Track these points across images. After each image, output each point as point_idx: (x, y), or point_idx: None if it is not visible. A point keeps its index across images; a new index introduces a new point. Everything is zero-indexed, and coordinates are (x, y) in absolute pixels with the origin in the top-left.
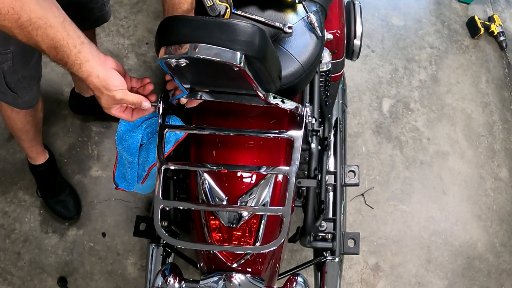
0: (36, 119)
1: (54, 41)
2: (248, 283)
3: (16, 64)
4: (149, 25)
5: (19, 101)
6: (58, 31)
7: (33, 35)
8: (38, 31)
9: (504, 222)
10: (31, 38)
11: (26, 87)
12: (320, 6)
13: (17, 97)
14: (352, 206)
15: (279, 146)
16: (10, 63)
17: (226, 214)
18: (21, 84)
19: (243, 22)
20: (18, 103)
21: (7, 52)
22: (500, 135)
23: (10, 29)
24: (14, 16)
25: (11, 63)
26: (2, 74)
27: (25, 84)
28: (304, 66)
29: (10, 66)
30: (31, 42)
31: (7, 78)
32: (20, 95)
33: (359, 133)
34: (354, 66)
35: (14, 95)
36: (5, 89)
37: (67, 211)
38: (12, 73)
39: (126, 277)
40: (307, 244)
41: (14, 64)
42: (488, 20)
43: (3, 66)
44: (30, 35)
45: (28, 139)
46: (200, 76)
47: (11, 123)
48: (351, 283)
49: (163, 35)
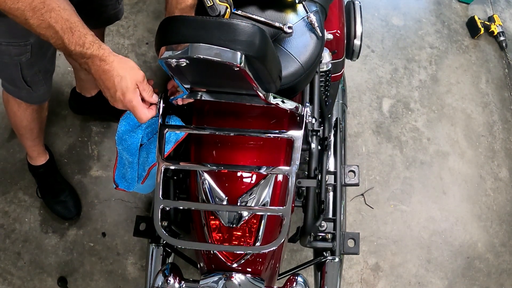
0: (42, 117)
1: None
2: (248, 283)
3: (34, 56)
4: (149, 25)
5: (33, 95)
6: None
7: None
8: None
9: (504, 222)
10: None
11: (41, 80)
12: (320, 6)
13: (32, 91)
14: (352, 206)
15: (279, 146)
16: (29, 55)
17: (226, 214)
18: (37, 77)
19: (243, 22)
20: (32, 97)
21: (26, 44)
22: (500, 135)
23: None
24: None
25: (29, 55)
26: (20, 66)
27: (40, 77)
28: (304, 66)
29: (28, 59)
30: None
31: (24, 71)
32: (35, 89)
33: (359, 133)
34: (354, 66)
35: (29, 89)
36: (21, 83)
37: (67, 212)
38: (29, 65)
39: (126, 277)
40: (307, 244)
41: (32, 56)
42: (488, 20)
43: (21, 58)
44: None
45: (32, 138)
46: (200, 76)
47: (17, 120)
48: (351, 283)
49: (163, 35)
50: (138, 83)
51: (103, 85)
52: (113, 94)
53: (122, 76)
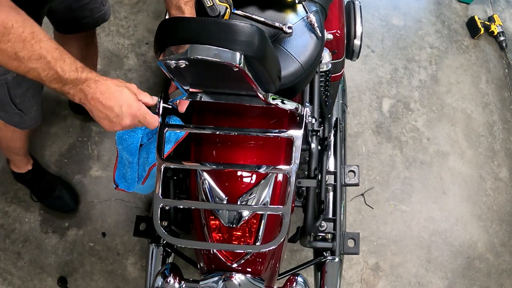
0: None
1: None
2: (248, 283)
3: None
4: (149, 25)
5: (25, 119)
6: (57, 44)
7: (37, 48)
8: (41, 44)
9: (504, 222)
10: (34, 51)
11: (31, 99)
12: (320, 6)
13: (23, 114)
14: (352, 206)
15: (279, 145)
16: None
17: (226, 214)
18: (26, 97)
19: (242, 23)
20: (24, 121)
21: None
22: (500, 135)
23: (13, 45)
24: (19, 30)
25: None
26: (7, 86)
27: (29, 96)
28: (304, 66)
29: (14, 77)
30: (34, 56)
31: (12, 91)
32: (26, 111)
33: (359, 133)
34: (354, 66)
35: (20, 113)
36: (10, 107)
37: (66, 205)
38: (16, 84)
39: (126, 277)
40: (307, 244)
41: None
42: (488, 20)
43: (7, 77)
44: (33, 48)
45: (20, 152)
46: (199, 77)
47: (2, 135)
48: (351, 283)
49: (162, 36)
50: (135, 91)
51: (103, 107)
52: (118, 110)
53: (121, 90)
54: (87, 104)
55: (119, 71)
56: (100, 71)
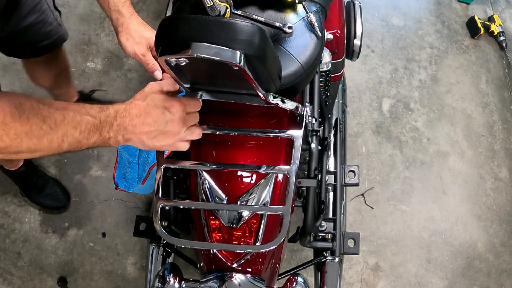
0: None
1: (74, 104)
2: (248, 283)
3: None
4: (149, 25)
5: None
6: (77, 111)
7: (60, 128)
8: (56, 117)
9: (504, 222)
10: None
11: None
12: (320, 6)
13: None
14: (352, 206)
15: (279, 145)
16: None
17: (226, 214)
18: None
19: (243, 22)
20: None
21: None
22: (500, 135)
23: (36, 142)
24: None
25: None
26: None
27: None
28: (304, 66)
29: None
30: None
31: None
32: None
33: (359, 133)
34: (354, 66)
35: None
36: None
37: (58, 201)
38: None
39: (126, 277)
40: (307, 244)
41: None
42: (488, 20)
43: None
44: (57, 128)
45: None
46: (200, 75)
47: None
48: (351, 283)
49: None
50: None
51: (149, 126)
52: (163, 116)
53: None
54: (134, 138)
55: (119, 71)
56: (100, 71)
